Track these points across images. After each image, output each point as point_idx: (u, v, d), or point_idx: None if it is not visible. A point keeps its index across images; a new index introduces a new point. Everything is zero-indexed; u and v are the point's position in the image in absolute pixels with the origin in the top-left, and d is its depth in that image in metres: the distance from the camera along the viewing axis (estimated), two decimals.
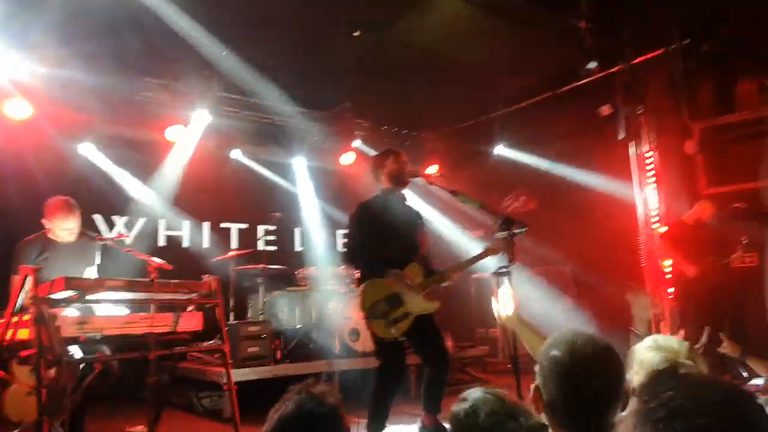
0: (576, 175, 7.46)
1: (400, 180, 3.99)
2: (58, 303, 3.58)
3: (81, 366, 3.85)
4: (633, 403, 0.97)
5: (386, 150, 4.23)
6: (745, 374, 4.42)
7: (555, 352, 1.41)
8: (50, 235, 4.23)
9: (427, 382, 3.88)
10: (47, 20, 5.17)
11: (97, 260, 4.42)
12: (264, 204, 7.51)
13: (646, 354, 1.97)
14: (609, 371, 1.38)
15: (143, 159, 7.02)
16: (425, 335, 3.86)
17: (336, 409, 1.51)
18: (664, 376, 0.96)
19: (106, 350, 3.88)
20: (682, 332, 5.85)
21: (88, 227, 4.51)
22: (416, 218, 4.12)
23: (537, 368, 1.47)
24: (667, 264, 6.22)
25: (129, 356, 3.88)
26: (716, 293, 5.52)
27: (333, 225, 8.42)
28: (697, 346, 5.60)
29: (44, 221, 4.22)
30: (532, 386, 1.45)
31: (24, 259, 4.03)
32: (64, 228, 4.18)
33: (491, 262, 3.74)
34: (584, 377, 1.35)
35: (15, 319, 3.49)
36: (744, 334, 5.61)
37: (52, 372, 3.83)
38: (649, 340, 2.07)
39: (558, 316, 6.66)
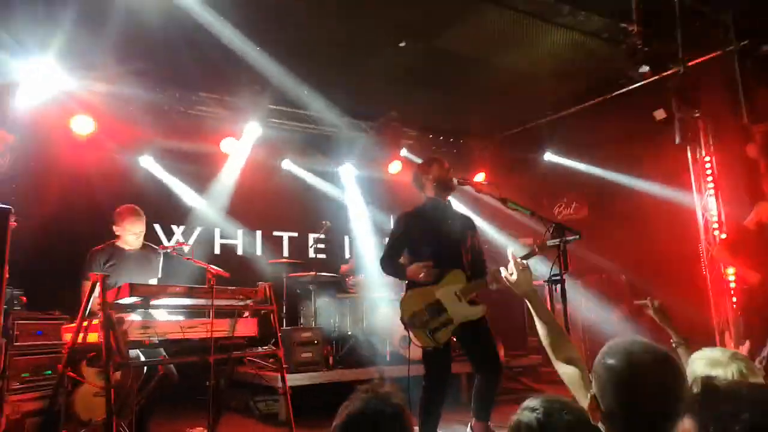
0: (628, 181, 7.29)
1: (445, 186, 3.96)
2: (124, 308, 3.76)
3: (145, 369, 4.01)
4: (690, 418, 0.94)
5: (429, 158, 4.21)
6: None
7: (611, 361, 1.39)
8: (118, 243, 4.46)
9: (477, 388, 3.83)
10: (107, 39, 5.45)
11: (159, 273, 4.61)
12: (314, 213, 7.66)
13: (698, 368, 1.91)
14: (668, 381, 1.34)
15: (199, 170, 7.28)
16: (476, 341, 3.81)
17: (401, 409, 1.56)
18: (727, 390, 0.93)
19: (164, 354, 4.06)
20: (747, 344, 5.61)
21: (149, 236, 4.71)
22: (466, 224, 4.07)
23: (593, 377, 1.45)
24: (730, 272, 5.99)
25: (189, 360, 4.03)
26: None
27: (381, 233, 8.48)
28: (758, 359, 5.38)
29: (115, 227, 4.45)
30: (589, 395, 1.42)
31: (93, 266, 4.26)
32: (133, 232, 4.41)
33: (544, 270, 3.69)
34: (643, 387, 1.32)
35: (85, 323, 3.68)
36: None
37: (118, 374, 4.03)
38: (700, 354, 2.00)
39: (612, 325, 6.51)
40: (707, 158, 6.68)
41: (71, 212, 6.10)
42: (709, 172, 6.67)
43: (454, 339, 3.82)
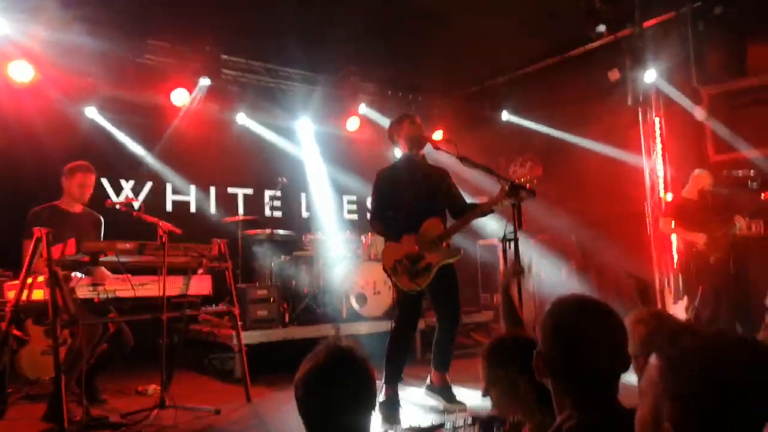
0: (582, 142, 7.42)
1: (416, 142, 4.04)
2: (70, 265, 3.64)
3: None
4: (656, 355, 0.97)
5: (400, 115, 4.27)
6: None
7: (557, 317, 1.42)
8: (60, 204, 4.27)
9: (438, 338, 4.01)
10: None
11: (101, 239, 4.46)
12: (270, 169, 7.51)
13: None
14: (612, 336, 1.37)
15: (149, 123, 7.00)
16: (446, 289, 3.96)
17: (365, 361, 1.60)
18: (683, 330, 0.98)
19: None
20: (685, 299, 5.92)
21: (96, 191, 4.53)
22: (440, 175, 4.18)
23: (539, 333, 1.47)
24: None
25: (141, 318, 3.96)
26: (720, 263, 5.57)
27: (339, 190, 8.43)
28: (690, 309, 5.69)
29: (62, 179, 4.26)
30: (535, 352, 1.45)
31: (33, 226, 4.07)
32: (80, 184, 4.23)
33: (498, 229, 3.74)
34: (587, 342, 1.35)
35: (29, 280, 3.55)
36: (747, 307, 5.70)
37: (66, 332, 3.94)
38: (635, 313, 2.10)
39: (563, 283, 6.73)
40: (656, 119, 6.85)
41: (12, 164, 5.80)
42: (658, 133, 6.86)
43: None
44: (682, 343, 0.92)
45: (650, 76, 6.63)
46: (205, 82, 6.83)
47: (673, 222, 5.88)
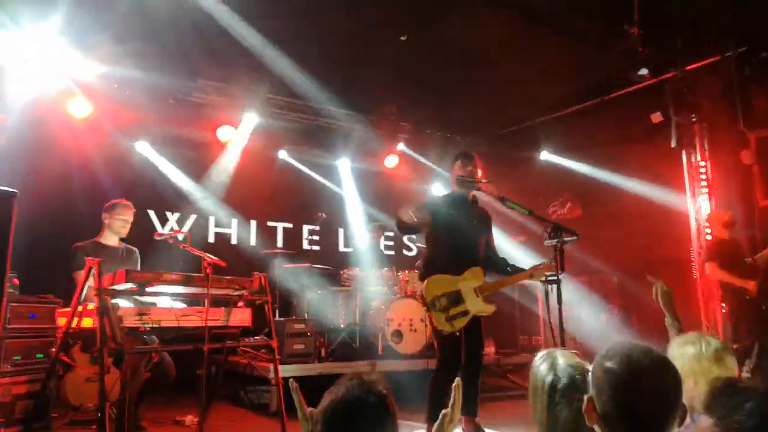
0: (622, 183, 7.34)
1: (463, 183, 4.10)
2: (119, 294, 3.75)
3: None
4: (704, 419, 0.97)
5: (457, 154, 4.32)
6: None
7: (610, 364, 1.40)
8: (100, 240, 4.47)
9: (463, 383, 3.92)
10: (106, 20, 5.40)
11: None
12: (309, 204, 7.65)
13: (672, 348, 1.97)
14: (666, 386, 1.35)
15: (195, 158, 7.25)
16: (473, 337, 3.98)
17: (384, 397, 1.58)
18: (733, 390, 0.96)
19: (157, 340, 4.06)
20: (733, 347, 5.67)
21: (142, 222, 4.71)
22: (485, 221, 4.24)
23: (591, 379, 1.46)
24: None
25: (183, 348, 4.02)
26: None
27: (376, 227, 8.49)
28: (748, 363, 5.44)
29: (104, 215, 4.46)
30: (586, 397, 1.44)
31: (77, 260, 4.26)
32: (123, 219, 4.43)
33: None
34: (640, 391, 1.34)
35: (80, 308, 3.67)
36: None
37: (110, 360, 4.03)
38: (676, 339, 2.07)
39: (602, 326, 6.57)
40: (702, 162, 6.74)
41: (67, 196, 6.05)
42: (703, 176, 6.73)
43: None
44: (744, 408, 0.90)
45: (695, 118, 6.55)
46: (251, 119, 7.06)
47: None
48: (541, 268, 3.77)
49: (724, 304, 6.09)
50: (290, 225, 8.01)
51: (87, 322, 3.66)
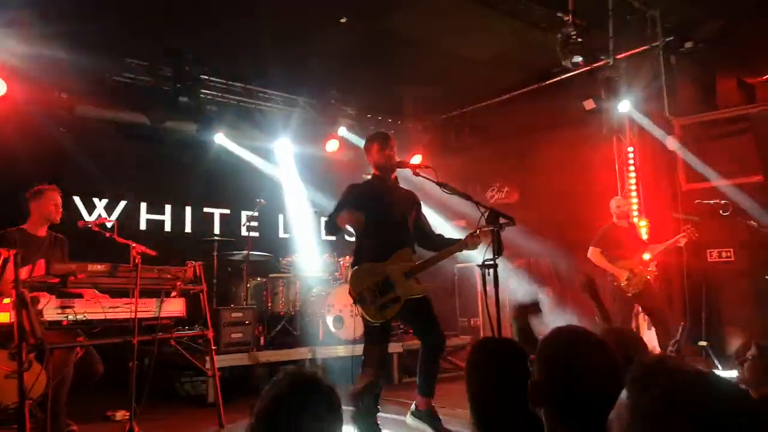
0: (557, 168, 7.54)
1: (384, 168, 4.01)
2: (39, 287, 3.54)
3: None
4: (622, 397, 0.99)
5: (373, 135, 4.19)
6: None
7: (554, 348, 1.42)
8: (27, 228, 4.20)
9: (422, 363, 3.93)
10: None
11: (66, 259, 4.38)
12: (248, 190, 7.45)
13: None
14: (607, 367, 1.39)
15: (125, 141, 6.91)
16: (422, 316, 3.91)
17: (330, 389, 1.53)
18: (653, 369, 0.98)
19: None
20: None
21: (67, 210, 4.46)
22: (411, 200, 4.14)
23: (534, 365, 1.48)
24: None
25: (112, 341, 3.85)
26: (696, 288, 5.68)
27: (318, 212, 8.39)
28: (671, 343, 5.74)
29: (31, 204, 4.19)
30: (529, 382, 1.45)
31: (2, 247, 3.97)
32: (55, 203, 4.22)
33: (477, 255, 3.75)
34: (583, 373, 1.37)
35: None
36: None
37: (32, 356, 3.80)
38: None
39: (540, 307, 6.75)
40: (630, 148, 7.01)
41: None
42: (631, 161, 7.01)
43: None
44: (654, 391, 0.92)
45: (624, 106, 6.79)
46: (183, 101, 6.78)
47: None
48: (474, 238, 3.71)
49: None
50: (228, 211, 7.80)
51: (3, 317, 3.43)
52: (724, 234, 6.09)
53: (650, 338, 5.66)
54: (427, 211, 4.51)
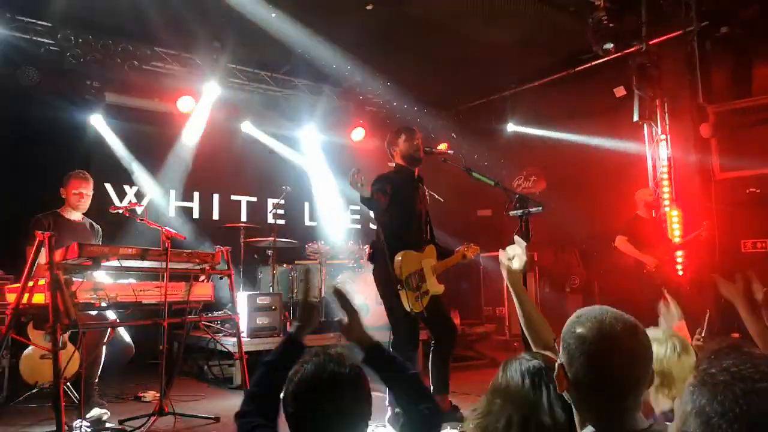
0: (586, 156, 7.42)
1: (412, 160, 4.00)
2: (72, 269, 3.62)
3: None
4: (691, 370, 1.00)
5: (399, 128, 4.19)
6: None
7: (581, 330, 1.38)
8: (62, 212, 4.27)
9: (434, 358, 3.92)
10: None
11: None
12: (274, 177, 7.50)
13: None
14: (638, 350, 1.34)
15: (154, 130, 7.02)
16: (438, 314, 3.95)
17: (358, 370, 1.52)
18: (726, 348, 0.98)
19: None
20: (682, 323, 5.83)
21: (99, 196, 4.54)
22: (425, 197, 4.16)
23: (561, 345, 1.45)
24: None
25: (142, 323, 3.93)
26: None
27: (343, 200, 8.41)
28: (697, 333, 5.61)
29: (62, 189, 4.27)
30: (557, 364, 1.42)
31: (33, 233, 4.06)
32: (76, 191, 4.25)
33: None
34: (612, 356, 1.32)
35: (30, 283, 3.52)
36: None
37: (66, 337, 3.91)
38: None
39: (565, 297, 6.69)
40: (663, 136, 6.84)
41: (15, 170, 5.78)
42: (664, 149, 6.84)
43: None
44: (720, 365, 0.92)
45: (655, 93, 6.63)
46: (212, 89, 6.85)
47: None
48: (471, 249, 3.88)
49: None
50: (254, 198, 7.86)
51: (39, 298, 3.52)
52: (760, 223, 5.91)
53: (681, 328, 5.54)
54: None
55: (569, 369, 1.37)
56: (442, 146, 8.27)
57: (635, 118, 6.92)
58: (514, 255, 2.21)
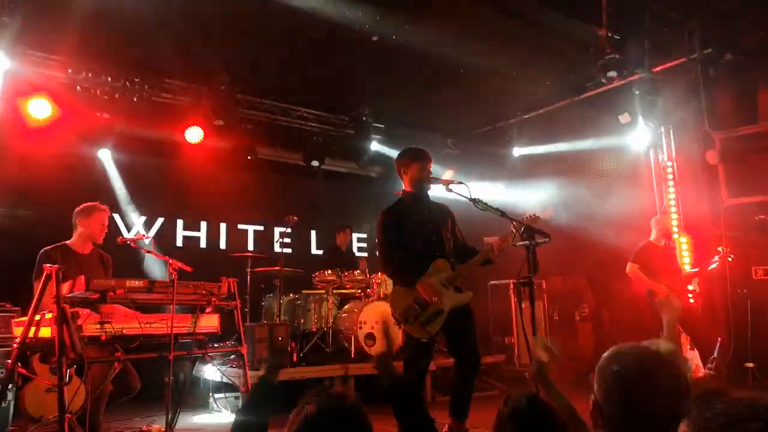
0: (592, 183, 7.41)
1: (421, 186, 3.98)
2: (79, 302, 3.62)
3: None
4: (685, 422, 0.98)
5: (410, 153, 4.09)
6: None
7: (617, 367, 1.38)
8: (70, 245, 4.29)
9: (455, 383, 3.82)
10: (67, 22, 5.24)
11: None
12: (281, 206, 7.52)
13: None
14: (672, 386, 1.34)
15: (162, 160, 7.08)
16: (462, 332, 3.80)
17: (360, 409, 1.52)
18: (713, 393, 0.97)
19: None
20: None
21: (109, 227, 4.55)
22: (444, 212, 4.10)
23: (596, 382, 1.43)
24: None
25: (148, 356, 3.90)
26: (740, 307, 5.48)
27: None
28: (710, 359, 5.52)
29: (79, 220, 4.27)
30: (591, 400, 1.41)
31: (41, 265, 4.07)
32: (102, 223, 4.30)
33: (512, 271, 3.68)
34: (651, 393, 1.32)
35: (37, 317, 3.52)
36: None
37: (72, 371, 3.88)
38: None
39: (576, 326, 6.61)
40: (669, 162, 6.84)
41: (25, 203, 5.83)
42: (670, 176, 6.84)
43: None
44: (714, 409, 0.91)
45: (661, 119, 6.65)
46: (219, 122, 6.94)
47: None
48: (498, 242, 3.71)
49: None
50: (261, 227, 7.88)
51: (45, 332, 3.51)
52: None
53: (693, 357, 5.47)
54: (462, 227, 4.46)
55: (605, 406, 1.36)
56: (448, 174, 8.31)
57: (641, 144, 6.95)
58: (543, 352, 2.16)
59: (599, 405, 1.37)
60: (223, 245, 7.52)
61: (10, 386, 4.01)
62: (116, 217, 6.69)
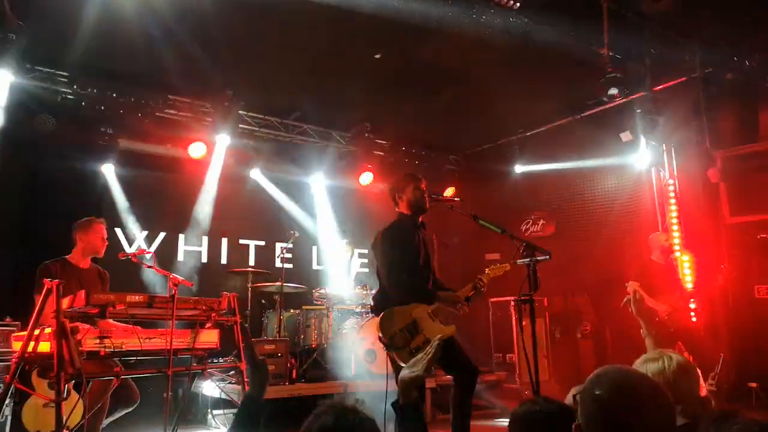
0: (594, 200, 7.41)
1: (418, 209, 3.95)
2: (79, 317, 3.61)
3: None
4: None
5: (406, 176, 4.08)
6: None
7: (599, 392, 1.36)
8: (70, 259, 4.30)
9: (455, 400, 3.80)
10: (73, 38, 5.30)
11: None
12: (282, 222, 7.55)
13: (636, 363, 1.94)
14: (658, 411, 1.32)
15: (165, 175, 7.11)
16: (451, 353, 3.74)
17: (373, 422, 1.53)
18: (730, 413, 0.96)
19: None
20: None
21: (109, 240, 4.56)
22: (432, 243, 4.13)
23: (579, 406, 1.41)
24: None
25: (147, 373, 3.89)
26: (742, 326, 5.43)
27: (351, 244, 8.40)
28: (711, 375, 5.47)
29: (78, 234, 4.29)
30: (574, 425, 1.39)
31: (41, 280, 4.07)
32: (103, 237, 4.34)
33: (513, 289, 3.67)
34: (632, 416, 1.30)
35: (36, 332, 3.51)
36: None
37: (70, 386, 3.86)
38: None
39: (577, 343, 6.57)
40: (670, 181, 6.85)
41: (27, 217, 5.85)
42: (672, 194, 6.84)
43: None
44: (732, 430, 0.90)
45: (662, 137, 6.67)
46: (222, 138, 6.98)
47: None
48: (492, 270, 3.75)
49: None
50: (263, 243, 7.89)
51: (44, 347, 3.50)
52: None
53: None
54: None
55: (586, 429, 1.34)
56: (449, 191, 8.33)
57: (642, 162, 6.96)
58: None
59: (581, 430, 1.35)
60: (224, 260, 7.52)
61: (7, 401, 3.98)
62: (118, 231, 6.71)
